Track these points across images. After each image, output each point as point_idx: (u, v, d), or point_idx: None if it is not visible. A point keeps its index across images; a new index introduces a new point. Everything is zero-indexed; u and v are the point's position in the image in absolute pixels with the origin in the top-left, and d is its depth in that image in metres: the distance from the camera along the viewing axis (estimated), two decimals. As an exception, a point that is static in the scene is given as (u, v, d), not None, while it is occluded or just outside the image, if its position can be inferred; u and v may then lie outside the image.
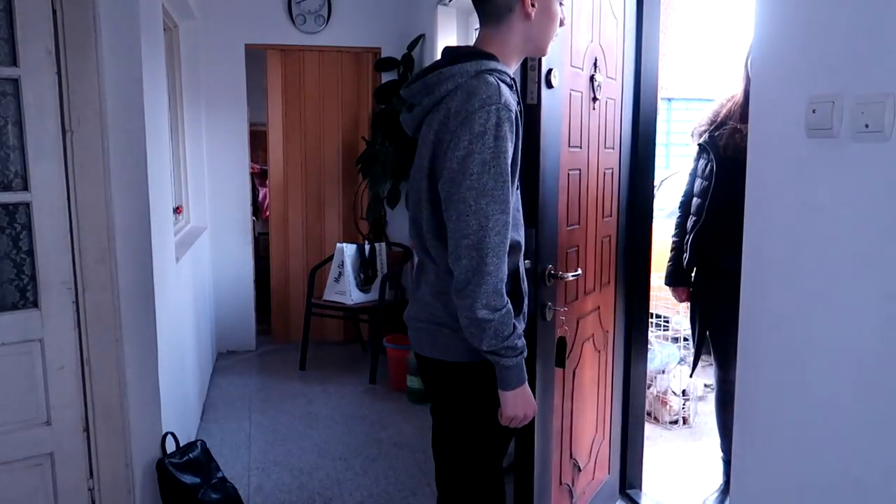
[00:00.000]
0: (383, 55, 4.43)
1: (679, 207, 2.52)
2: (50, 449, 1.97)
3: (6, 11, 1.78)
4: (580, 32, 1.89)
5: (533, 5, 1.39)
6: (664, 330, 3.67)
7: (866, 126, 1.13)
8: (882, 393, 1.14)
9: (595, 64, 1.97)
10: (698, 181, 2.37)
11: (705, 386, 3.73)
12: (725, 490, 2.45)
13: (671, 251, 2.52)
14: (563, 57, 1.79)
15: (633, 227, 2.43)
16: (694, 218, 2.37)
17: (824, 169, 1.22)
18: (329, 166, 4.62)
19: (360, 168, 4.40)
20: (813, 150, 1.24)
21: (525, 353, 1.37)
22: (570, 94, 1.86)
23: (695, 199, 2.39)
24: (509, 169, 1.30)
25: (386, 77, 4.44)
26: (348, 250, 4.17)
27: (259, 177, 6.00)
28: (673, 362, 3.44)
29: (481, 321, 1.30)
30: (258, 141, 5.51)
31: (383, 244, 4.34)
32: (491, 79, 1.32)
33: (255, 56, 4.49)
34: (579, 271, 1.91)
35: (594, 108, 1.99)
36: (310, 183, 4.61)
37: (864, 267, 1.16)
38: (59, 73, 1.86)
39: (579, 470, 2.14)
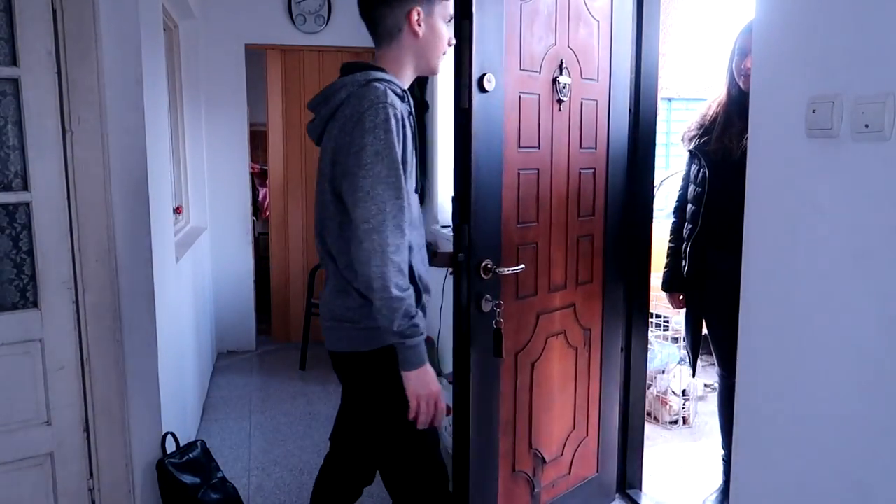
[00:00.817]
0: (383, 55, 4.43)
1: (674, 213, 2.52)
2: (50, 449, 1.97)
3: (6, 11, 1.78)
4: (533, 37, 1.97)
5: (420, 24, 1.53)
6: (664, 330, 3.67)
7: (866, 126, 1.13)
8: (882, 393, 1.14)
9: (561, 66, 2.04)
10: (692, 187, 2.37)
11: (705, 386, 3.73)
12: (725, 490, 2.44)
13: (667, 257, 2.51)
14: (506, 62, 1.89)
15: (632, 227, 2.43)
16: (690, 225, 2.36)
17: (824, 169, 1.22)
18: (329, 166, 4.61)
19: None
20: (813, 150, 1.24)
21: (424, 336, 1.46)
22: (521, 97, 1.95)
23: (689, 206, 2.38)
24: (400, 157, 1.41)
25: (386, 77, 4.43)
26: (348, 250, 4.16)
27: (259, 177, 6.00)
28: (673, 362, 3.44)
29: (394, 300, 1.39)
30: (258, 141, 5.51)
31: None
32: (378, 85, 1.45)
33: (255, 56, 4.49)
34: (522, 266, 1.98)
35: (559, 110, 2.07)
36: (310, 183, 4.61)
37: (864, 267, 1.16)
38: (59, 73, 1.86)
39: (544, 461, 2.20)
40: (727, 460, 2.45)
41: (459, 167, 1.88)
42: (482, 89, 1.82)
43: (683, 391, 3.35)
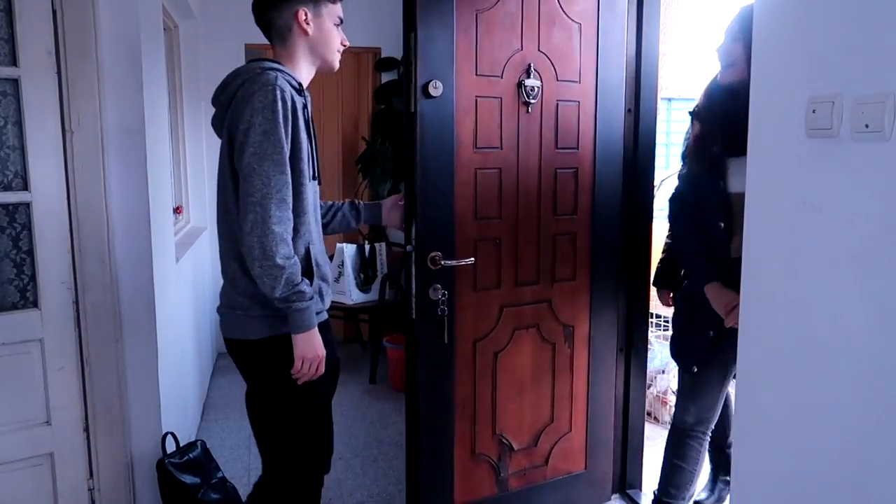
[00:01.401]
0: (383, 55, 4.43)
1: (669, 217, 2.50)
2: (50, 449, 1.97)
3: (6, 11, 1.79)
4: (493, 44, 2.07)
5: (308, 23, 1.65)
6: (664, 330, 3.67)
7: (866, 126, 1.13)
8: (882, 393, 1.14)
9: (528, 70, 2.13)
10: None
11: (705, 386, 3.73)
12: (714, 480, 2.46)
13: (662, 252, 2.50)
14: (459, 68, 2.01)
15: (632, 227, 2.44)
16: None
17: (824, 169, 1.22)
18: (329, 166, 4.61)
19: (360, 168, 4.39)
20: (813, 150, 1.24)
21: (313, 301, 1.56)
22: (478, 101, 2.07)
23: None
24: (287, 139, 1.51)
25: (386, 77, 4.43)
26: (348, 250, 4.17)
27: (259, 177, 5.99)
28: (673, 362, 3.43)
29: (275, 267, 1.48)
30: (258, 141, 5.50)
31: (383, 244, 4.34)
32: (271, 73, 1.54)
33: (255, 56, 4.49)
34: (471, 259, 2.09)
35: (528, 112, 2.16)
36: (310, 183, 4.61)
37: (863, 267, 1.16)
38: (59, 73, 1.86)
39: (512, 449, 2.29)
40: (718, 446, 2.45)
41: (407, 167, 2.05)
42: (427, 95, 1.96)
43: (683, 391, 3.35)
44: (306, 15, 1.64)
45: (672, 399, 3.32)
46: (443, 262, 2.04)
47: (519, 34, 2.11)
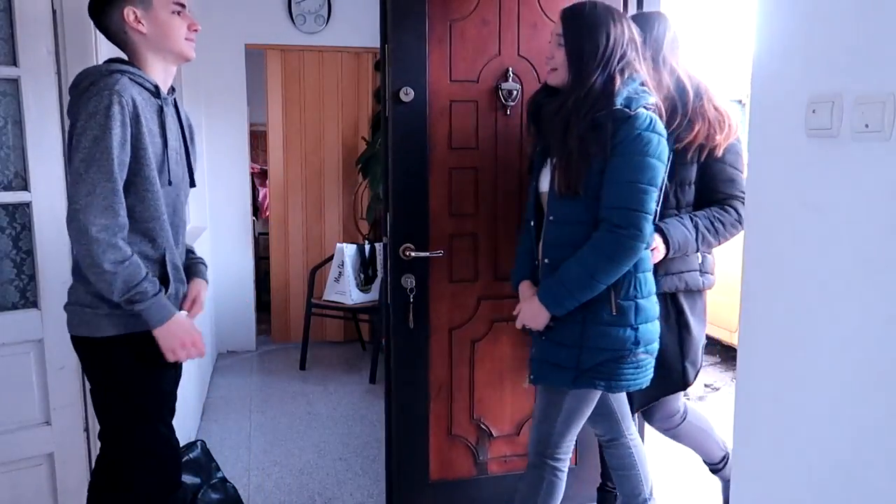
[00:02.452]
0: (383, 55, 4.43)
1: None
2: (50, 449, 1.97)
3: (6, 11, 1.79)
4: (467, 51, 2.19)
5: (139, 21, 1.58)
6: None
7: (866, 126, 1.13)
8: (883, 393, 1.14)
9: (507, 74, 2.23)
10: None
11: (705, 386, 3.74)
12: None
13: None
14: (432, 75, 2.16)
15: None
16: None
17: (824, 169, 1.22)
18: (329, 166, 4.61)
19: (360, 168, 4.40)
20: (813, 150, 1.24)
21: (159, 295, 1.54)
22: (452, 105, 2.21)
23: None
24: (120, 144, 1.48)
25: (386, 77, 4.43)
26: (348, 250, 4.17)
27: (259, 177, 6.00)
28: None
29: (106, 274, 1.47)
30: (258, 141, 5.51)
31: (383, 244, 4.34)
32: (115, 76, 1.51)
33: (255, 56, 4.49)
34: (440, 252, 2.23)
35: (507, 114, 2.26)
36: (310, 183, 4.61)
37: (864, 267, 1.16)
38: (59, 73, 1.86)
39: (491, 435, 2.40)
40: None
41: (382, 166, 2.27)
42: (398, 101, 2.13)
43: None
44: (135, 14, 1.57)
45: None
46: (412, 254, 2.19)
47: (496, 40, 2.22)
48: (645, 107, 1.68)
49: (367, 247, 4.27)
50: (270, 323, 4.76)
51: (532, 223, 1.91)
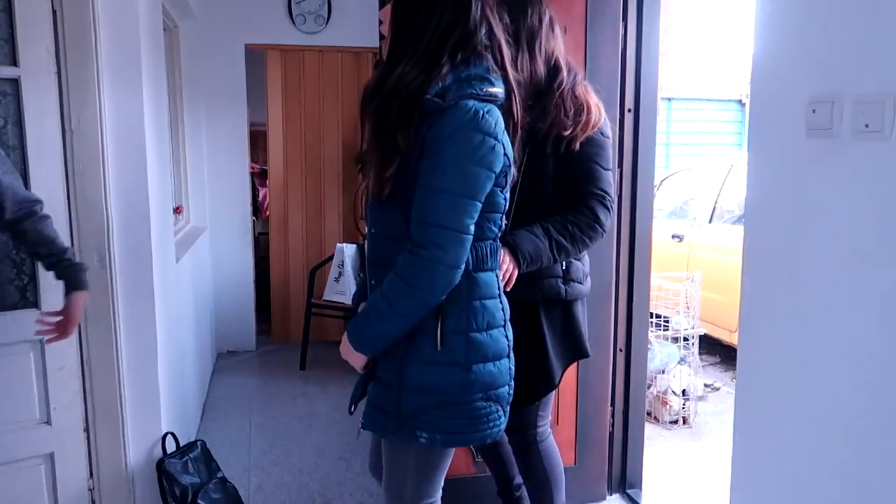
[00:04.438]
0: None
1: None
2: (50, 449, 1.97)
3: (6, 11, 1.78)
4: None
5: None
6: (664, 330, 3.67)
7: (866, 126, 1.13)
8: (882, 393, 1.14)
9: None
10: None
11: (705, 386, 3.74)
12: None
13: None
14: None
15: (632, 226, 2.44)
16: None
17: (824, 169, 1.22)
18: (329, 166, 4.61)
19: (361, 168, 4.40)
20: (813, 150, 1.24)
21: None
22: None
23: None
24: None
25: (386, 77, 4.43)
26: (348, 250, 4.17)
27: (259, 177, 5.99)
28: (673, 362, 3.44)
29: None
30: (258, 141, 5.51)
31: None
32: None
33: (255, 56, 4.49)
34: None
35: None
36: (310, 183, 4.61)
37: (864, 267, 1.16)
38: (59, 73, 1.86)
39: None
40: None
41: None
42: None
43: (683, 391, 3.36)
44: None
45: (672, 399, 3.32)
46: None
47: None
48: (476, 95, 1.32)
49: (366, 247, 4.27)
50: (270, 323, 4.76)
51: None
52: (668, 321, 3.68)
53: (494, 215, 1.40)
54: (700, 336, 3.68)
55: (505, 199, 1.42)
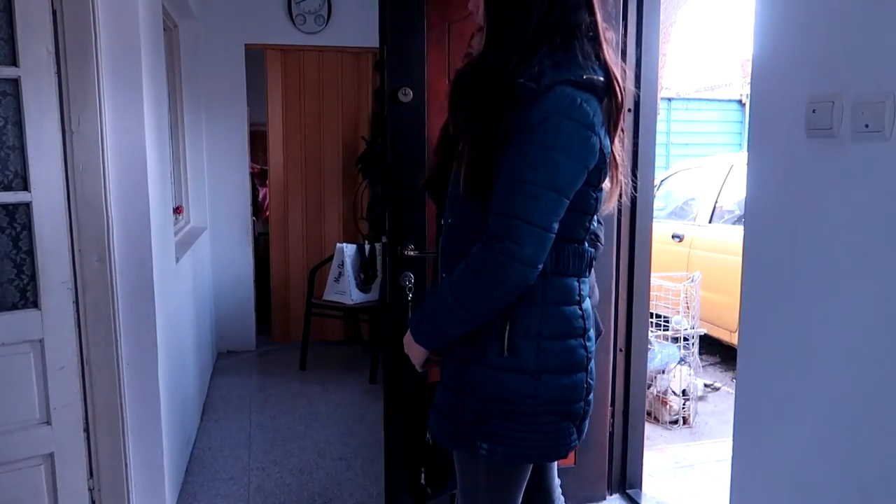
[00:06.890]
0: (383, 55, 4.43)
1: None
2: (50, 449, 1.97)
3: (6, 11, 1.78)
4: (465, 51, 2.14)
5: None
6: (664, 330, 3.67)
7: (866, 126, 1.13)
8: (882, 393, 1.14)
9: None
10: None
11: (705, 386, 3.74)
12: None
13: None
14: (431, 76, 2.18)
15: (632, 226, 2.44)
16: None
17: (824, 169, 1.22)
18: (329, 166, 4.61)
19: (360, 168, 4.40)
20: (813, 150, 1.24)
21: None
22: None
23: None
24: None
25: (386, 77, 4.43)
26: (348, 250, 4.17)
27: (259, 177, 5.99)
28: (673, 362, 3.44)
29: None
30: (258, 141, 5.51)
31: (382, 243, 4.34)
32: None
33: (255, 56, 4.49)
34: (433, 252, 2.17)
35: None
36: (310, 183, 4.61)
37: (864, 267, 1.16)
38: (59, 73, 1.86)
39: None
40: None
41: (381, 167, 2.27)
42: (397, 101, 2.16)
43: (683, 391, 3.36)
44: None
45: (672, 399, 3.32)
46: (409, 253, 2.20)
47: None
48: (574, 82, 1.20)
49: (366, 247, 4.27)
50: (270, 323, 4.76)
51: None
52: (668, 321, 3.68)
53: (583, 216, 1.27)
54: (700, 336, 3.68)
55: (597, 199, 1.29)
